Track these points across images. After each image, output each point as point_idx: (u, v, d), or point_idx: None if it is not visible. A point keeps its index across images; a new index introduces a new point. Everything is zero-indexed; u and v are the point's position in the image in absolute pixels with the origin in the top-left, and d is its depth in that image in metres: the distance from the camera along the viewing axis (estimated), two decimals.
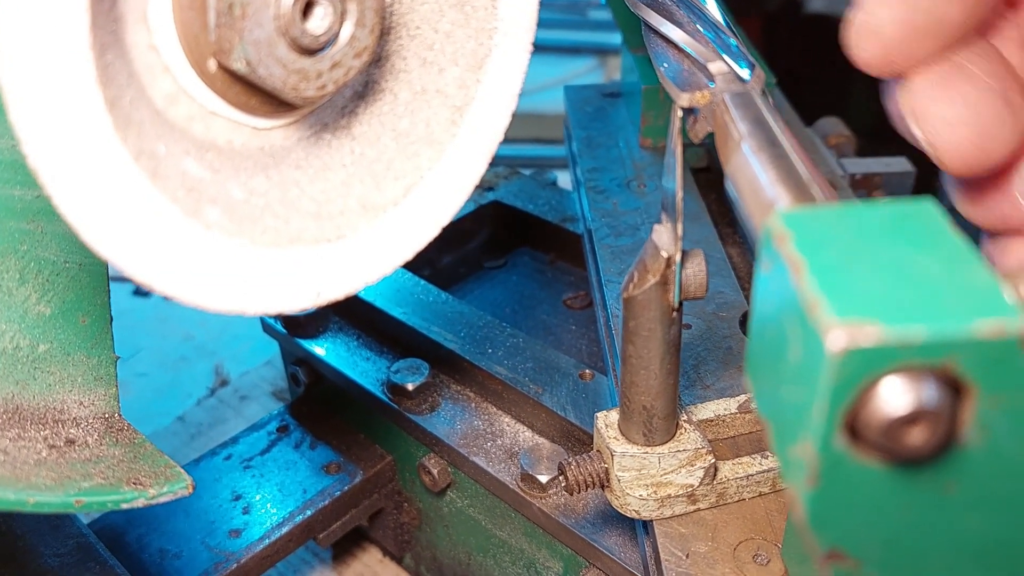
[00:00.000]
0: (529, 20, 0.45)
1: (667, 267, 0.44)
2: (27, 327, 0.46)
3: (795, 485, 0.26)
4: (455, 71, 0.45)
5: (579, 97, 1.04)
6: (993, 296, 0.24)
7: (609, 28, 2.01)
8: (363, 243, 0.43)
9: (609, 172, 0.88)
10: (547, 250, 1.01)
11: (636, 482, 0.51)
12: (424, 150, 0.45)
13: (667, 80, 0.43)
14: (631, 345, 0.48)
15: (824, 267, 0.25)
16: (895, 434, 0.24)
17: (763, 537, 0.51)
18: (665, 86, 0.43)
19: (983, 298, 0.24)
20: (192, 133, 0.39)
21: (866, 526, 0.27)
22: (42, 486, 0.40)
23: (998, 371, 0.23)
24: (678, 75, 0.43)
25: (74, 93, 0.31)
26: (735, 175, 0.35)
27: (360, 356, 0.82)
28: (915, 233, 0.26)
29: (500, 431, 0.73)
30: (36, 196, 0.45)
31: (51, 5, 0.30)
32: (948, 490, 0.26)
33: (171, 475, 0.45)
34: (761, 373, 0.29)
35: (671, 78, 0.43)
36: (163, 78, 0.37)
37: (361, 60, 0.39)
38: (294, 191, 0.41)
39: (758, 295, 0.29)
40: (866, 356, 0.23)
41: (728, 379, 0.62)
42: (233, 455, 0.83)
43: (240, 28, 0.35)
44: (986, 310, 0.23)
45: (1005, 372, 0.24)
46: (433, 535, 0.81)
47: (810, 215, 0.27)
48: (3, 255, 0.45)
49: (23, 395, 0.46)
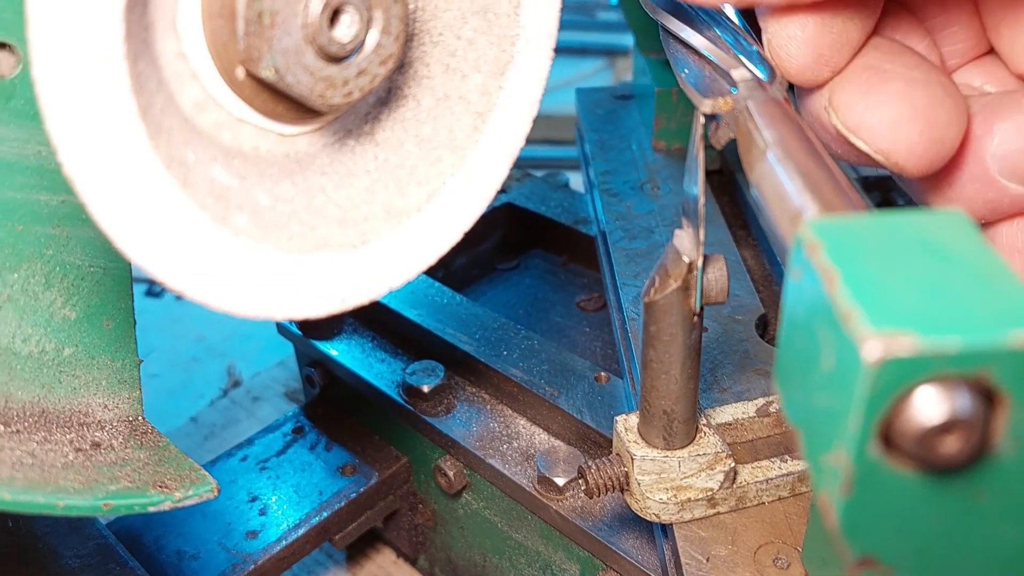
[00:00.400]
0: (551, 27, 0.45)
1: (689, 272, 0.45)
2: (52, 331, 0.46)
3: (828, 493, 0.27)
4: (477, 77, 0.45)
5: (591, 100, 1.04)
6: None
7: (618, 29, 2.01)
8: (387, 248, 0.43)
9: (622, 175, 0.88)
10: (560, 252, 1.01)
11: (656, 486, 0.51)
12: (447, 156, 0.45)
13: (689, 86, 0.43)
14: (652, 349, 0.48)
15: (857, 276, 0.25)
16: (929, 443, 0.24)
17: (783, 541, 0.51)
18: (687, 92, 0.43)
19: (1017, 308, 0.24)
20: (220, 140, 0.39)
21: (898, 534, 0.27)
22: (71, 489, 0.40)
23: None
24: (699, 81, 0.43)
25: (108, 102, 0.32)
26: (761, 183, 0.35)
27: (375, 358, 0.82)
28: (947, 243, 0.26)
29: (516, 433, 0.73)
30: (61, 201, 0.46)
31: (86, 14, 0.31)
32: (980, 499, 0.26)
33: (196, 478, 0.45)
34: (791, 380, 0.29)
35: (693, 84, 0.43)
36: (192, 85, 0.38)
37: (386, 67, 0.40)
38: (319, 197, 0.42)
39: (788, 303, 0.29)
40: (901, 366, 0.23)
41: (745, 382, 0.62)
42: (249, 456, 0.83)
43: (269, 36, 0.36)
44: (1020, 320, 0.23)
45: None
46: (448, 537, 0.81)
47: (841, 224, 0.27)
48: (29, 260, 0.45)
49: (49, 398, 0.46)
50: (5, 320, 0.44)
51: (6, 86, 0.42)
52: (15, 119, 0.43)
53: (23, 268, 0.45)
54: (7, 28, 0.41)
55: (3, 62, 0.42)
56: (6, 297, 0.44)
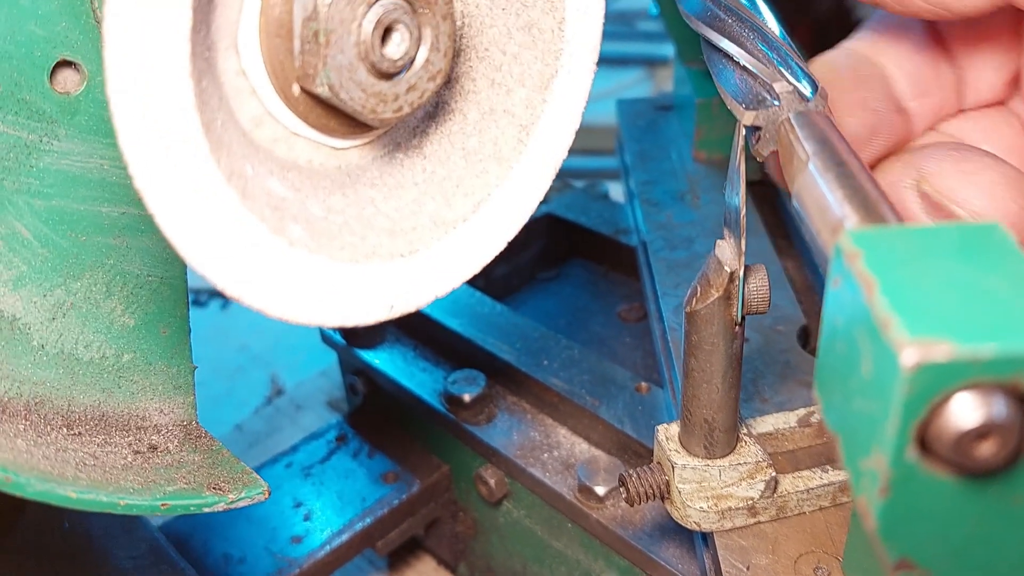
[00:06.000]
0: (594, 41, 0.47)
1: (730, 282, 0.45)
2: (112, 337, 0.48)
3: (867, 496, 0.27)
4: (522, 91, 0.46)
5: (631, 110, 1.05)
6: None
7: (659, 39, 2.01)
8: (434, 258, 0.44)
9: (662, 185, 0.89)
10: (600, 262, 1.02)
11: (697, 494, 0.52)
12: (492, 167, 0.46)
13: (730, 98, 0.44)
14: (693, 359, 0.49)
15: (895, 285, 0.26)
16: (966, 448, 0.25)
17: (824, 550, 0.51)
18: (728, 104, 0.44)
19: None
20: (276, 154, 0.41)
21: (936, 537, 0.27)
22: (130, 489, 0.42)
23: None
24: (741, 93, 0.44)
25: (175, 118, 0.33)
26: (802, 194, 0.36)
27: (417, 367, 0.83)
28: (983, 253, 0.27)
29: (556, 443, 0.74)
30: (122, 213, 0.47)
31: (156, 35, 0.32)
32: (1016, 502, 0.27)
33: (248, 481, 0.47)
34: (831, 386, 0.30)
35: (734, 96, 0.44)
36: (250, 101, 0.39)
37: (435, 83, 0.41)
38: (369, 208, 0.43)
39: (828, 310, 0.30)
40: (938, 372, 0.24)
41: (786, 393, 0.62)
42: (294, 463, 0.85)
43: (323, 54, 0.37)
44: None
45: None
46: (488, 545, 0.82)
47: (880, 234, 0.28)
48: (91, 269, 0.47)
49: (108, 402, 0.48)
50: (69, 327, 0.46)
51: (72, 102, 0.44)
52: (80, 134, 0.45)
53: (86, 277, 0.47)
54: (74, 48, 0.43)
55: (69, 79, 0.44)
56: (70, 305, 0.46)
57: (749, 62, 0.44)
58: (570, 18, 0.46)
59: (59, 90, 0.44)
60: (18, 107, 0.43)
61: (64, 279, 0.46)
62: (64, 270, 0.46)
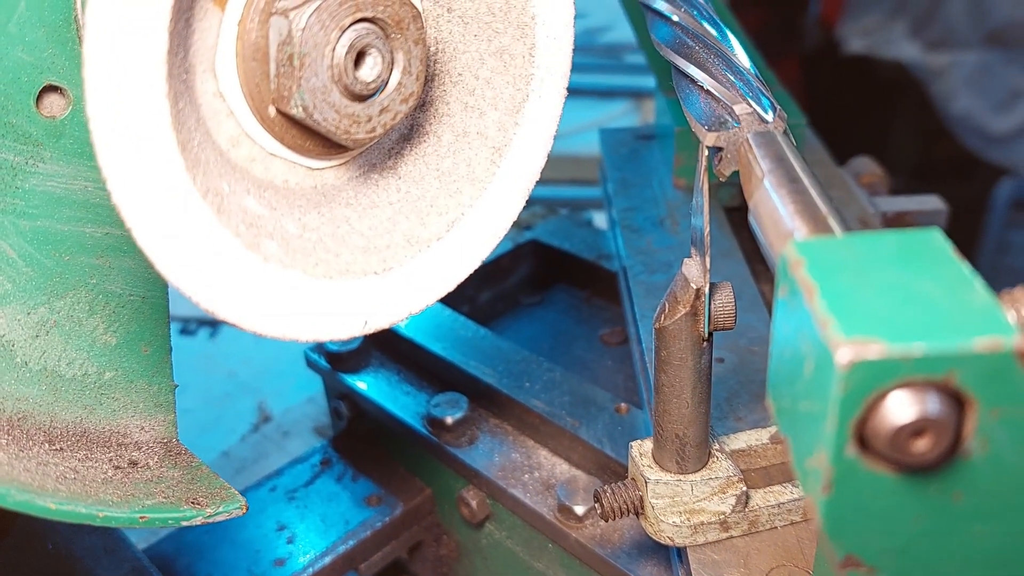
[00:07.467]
0: (564, 67, 0.48)
1: (696, 298, 0.47)
2: (95, 355, 0.49)
3: (812, 494, 0.28)
4: (495, 115, 0.48)
5: (614, 140, 1.07)
6: (992, 316, 0.26)
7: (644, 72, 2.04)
8: (408, 275, 0.45)
9: (643, 211, 0.90)
10: (583, 287, 1.03)
11: (670, 509, 0.53)
12: (466, 188, 0.48)
13: (694, 121, 0.45)
14: (663, 374, 0.50)
15: (834, 290, 0.27)
16: (902, 444, 0.26)
17: (795, 564, 0.52)
18: (692, 127, 0.45)
19: (982, 317, 0.26)
20: (252, 173, 0.42)
21: (879, 534, 0.28)
22: (109, 502, 0.43)
23: (996, 385, 0.25)
24: (704, 116, 0.45)
25: (152, 137, 0.35)
26: (757, 208, 0.37)
27: (400, 390, 0.84)
28: (921, 259, 0.28)
29: (538, 464, 0.74)
30: (105, 233, 0.49)
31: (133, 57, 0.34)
32: (956, 499, 0.28)
33: (226, 495, 0.48)
34: (781, 392, 0.31)
35: (698, 119, 0.45)
36: (227, 122, 0.41)
37: (408, 105, 0.42)
38: (344, 227, 0.44)
39: (776, 318, 0.31)
40: (872, 369, 0.25)
41: (761, 412, 0.63)
42: (278, 487, 0.85)
43: (298, 77, 0.39)
44: (984, 328, 0.25)
45: (1003, 386, 0.25)
46: (471, 568, 0.83)
47: (823, 243, 0.30)
48: (75, 288, 0.48)
49: (90, 419, 0.49)
50: (52, 344, 0.47)
51: (57, 126, 0.46)
52: (65, 156, 0.46)
53: (69, 295, 0.48)
54: (60, 73, 0.45)
55: (55, 104, 0.46)
56: (53, 323, 0.47)
57: (712, 86, 0.46)
58: (540, 44, 0.47)
59: (45, 114, 0.45)
60: (5, 130, 0.44)
61: (48, 297, 0.47)
62: (48, 289, 0.47)
